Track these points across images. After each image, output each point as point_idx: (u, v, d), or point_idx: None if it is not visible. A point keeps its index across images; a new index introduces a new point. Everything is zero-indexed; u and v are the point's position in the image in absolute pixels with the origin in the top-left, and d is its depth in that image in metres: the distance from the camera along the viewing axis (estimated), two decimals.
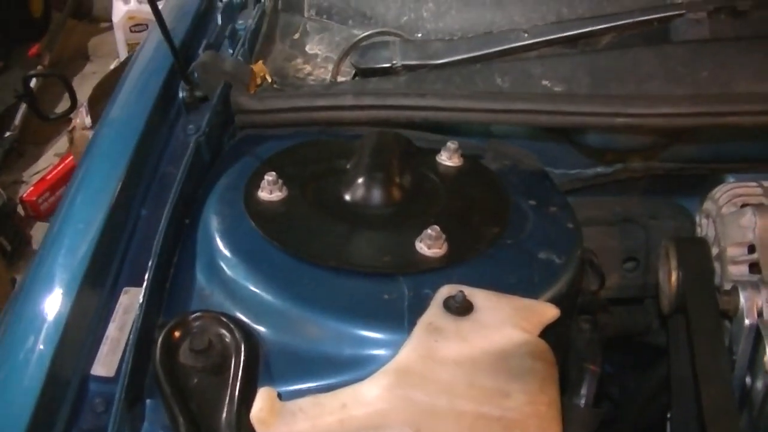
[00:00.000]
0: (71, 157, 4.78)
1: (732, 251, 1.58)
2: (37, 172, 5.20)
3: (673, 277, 1.63)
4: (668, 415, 1.70)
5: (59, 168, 4.91)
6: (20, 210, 4.77)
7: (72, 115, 4.27)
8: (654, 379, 1.94)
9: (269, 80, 1.96)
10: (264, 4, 2.21)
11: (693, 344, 1.52)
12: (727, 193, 1.65)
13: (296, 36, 2.21)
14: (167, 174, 1.75)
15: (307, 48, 2.19)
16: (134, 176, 1.72)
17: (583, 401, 1.62)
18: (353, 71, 2.11)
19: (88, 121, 4.33)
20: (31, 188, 4.85)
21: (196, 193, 1.65)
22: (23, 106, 5.26)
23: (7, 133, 5.24)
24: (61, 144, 5.32)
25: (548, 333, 1.34)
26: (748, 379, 1.50)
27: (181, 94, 1.88)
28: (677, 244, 1.67)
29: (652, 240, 2.00)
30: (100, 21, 6.76)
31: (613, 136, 1.91)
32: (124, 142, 1.76)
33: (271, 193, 1.56)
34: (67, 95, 2.37)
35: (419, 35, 2.18)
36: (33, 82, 4.89)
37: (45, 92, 5.06)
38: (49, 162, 5.28)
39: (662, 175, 2.05)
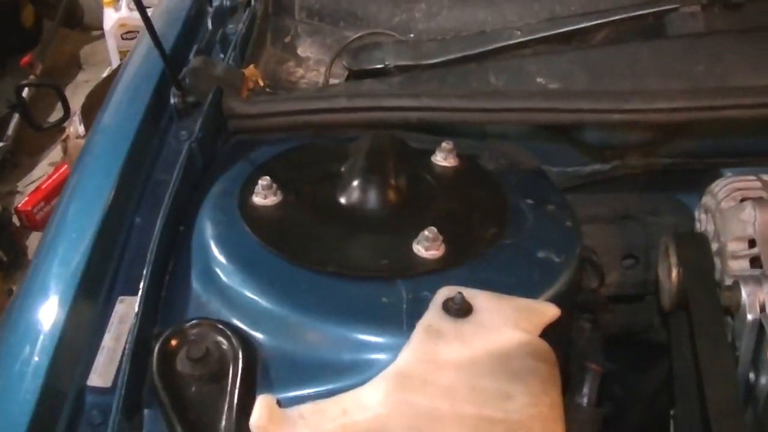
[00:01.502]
0: (66, 167, 4.77)
1: (732, 246, 1.57)
2: (32, 182, 5.19)
3: (674, 274, 1.62)
4: (671, 413, 1.69)
5: (54, 177, 4.90)
6: (16, 220, 4.76)
7: (65, 124, 4.26)
8: (656, 376, 1.92)
9: (261, 84, 1.94)
10: (254, 8, 2.19)
11: (695, 341, 1.51)
12: (726, 187, 1.64)
13: (288, 39, 2.19)
14: (160, 181, 1.73)
15: (299, 51, 2.18)
16: (127, 184, 1.70)
17: (585, 401, 1.61)
18: (346, 73, 2.10)
19: (81, 129, 4.32)
20: (27, 198, 4.84)
21: (190, 200, 1.64)
22: (16, 117, 5.26)
23: (1, 144, 5.22)
24: (56, 153, 5.31)
25: (549, 333, 1.32)
26: (751, 375, 1.48)
27: (172, 100, 1.86)
28: (677, 240, 1.65)
29: (651, 236, 1.98)
30: (92, 29, 6.76)
31: (610, 133, 1.91)
32: (116, 150, 1.75)
33: (265, 198, 1.55)
34: (60, 104, 2.36)
35: (412, 35, 2.17)
36: (25, 92, 4.89)
37: (38, 102, 5.05)
38: (43, 172, 5.27)
39: (660, 171, 2.04)
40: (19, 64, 5.80)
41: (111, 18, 5.66)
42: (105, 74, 5.33)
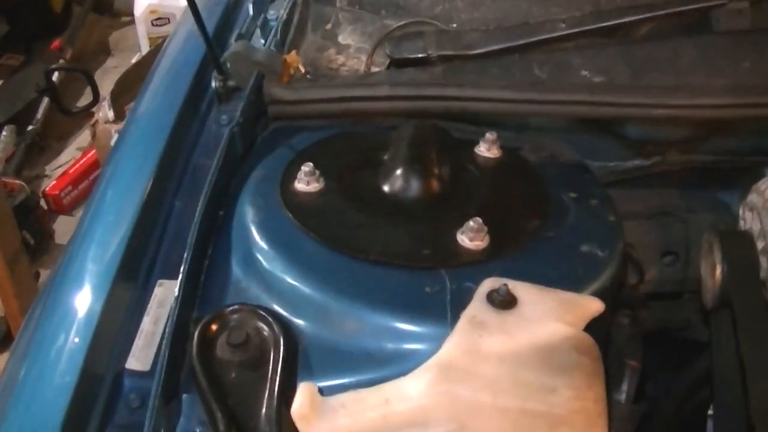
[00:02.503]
0: (93, 151, 4.78)
1: None
2: (60, 166, 5.20)
3: (717, 271, 1.60)
4: (710, 412, 1.66)
5: (81, 162, 4.92)
6: (43, 204, 4.76)
7: (94, 109, 4.25)
8: (693, 374, 1.90)
9: (302, 71, 1.93)
10: None
11: (739, 340, 1.49)
12: None
13: (328, 26, 2.18)
14: (200, 165, 1.72)
15: (339, 38, 2.16)
16: (167, 167, 1.70)
17: (623, 397, 1.59)
18: (387, 62, 2.08)
19: (110, 115, 4.32)
20: (54, 182, 4.85)
21: (230, 185, 1.63)
22: (45, 101, 5.27)
23: (30, 128, 5.23)
24: (83, 138, 5.32)
25: (591, 327, 1.31)
26: None
27: (213, 84, 1.85)
28: (721, 237, 1.63)
29: (690, 234, 1.97)
30: (122, 15, 6.75)
31: (652, 128, 1.90)
32: (157, 133, 1.75)
33: (308, 184, 1.54)
34: (89, 89, 2.36)
35: (454, 25, 2.15)
36: (55, 76, 4.88)
37: (67, 87, 5.05)
38: (71, 156, 5.28)
39: (700, 168, 2.02)
40: (48, 49, 5.81)
41: (141, 4, 5.65)
42: (134, 60, 5.33)
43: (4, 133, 5.07)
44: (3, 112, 5.20)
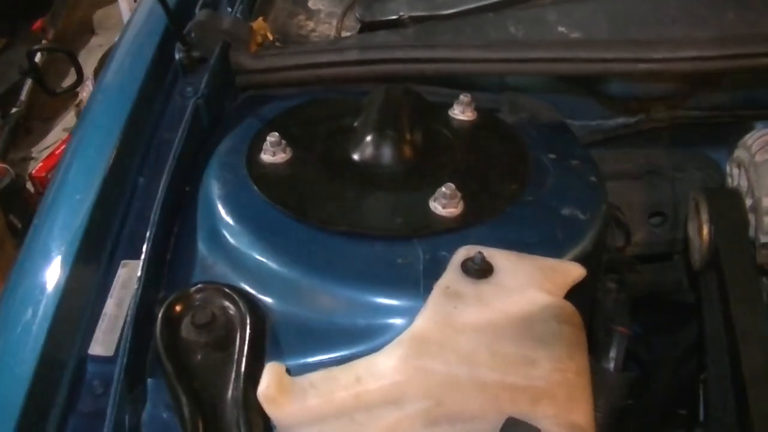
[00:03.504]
0: None
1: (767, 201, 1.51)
2: (46, 148, 5.20)
3: (705, 231, 1.57)
4: (701, 377, 1.63)
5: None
6: (30, 186, 4.73)
7: (79, 89, 4.23)
8: (684, 339, 1.88)
9: (270, 38, 1.88)
10: None
11: (728, 301, 1.47)
12: (760, 139, 1.59)
13: None
14: (165, 140, 1.69)
15: (309, 3, 2.12)
16: (130, 143, 1.67)
17: (611, 365, 1.55)
18: (359, 26, 2.04)
19: None
20: (40, 164, 4.82)
21: (196, 159, 1.59)
22: (29, 82, 5.26)
23: (14, 110, 5.23)
24: (69, 119, 5.32)
25: (574, 294, 1.28)
26: None
27: (177, 56, 1.82)
28: (708, 195, 1.61)
29: (679, 193, 1.95)
30: None
31: (635, 84, 1.87)
32: (119, 108, 1.71)
33: (274, 155, 1.50)
34: (73, 70, 2.31)
35: None
36: (38, 57, 4.83)
37: (51, 67, 5.02)
38: (57, 137, 5.27)
39: (687, 125, 2.00)
40: (30, 30, 5.78)
41: None
42: (118, 38, 5.30)
43: None
44: None
